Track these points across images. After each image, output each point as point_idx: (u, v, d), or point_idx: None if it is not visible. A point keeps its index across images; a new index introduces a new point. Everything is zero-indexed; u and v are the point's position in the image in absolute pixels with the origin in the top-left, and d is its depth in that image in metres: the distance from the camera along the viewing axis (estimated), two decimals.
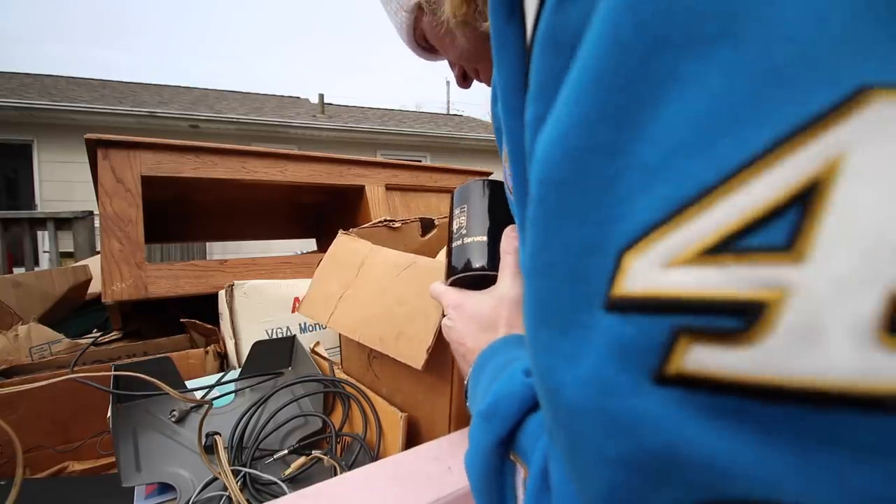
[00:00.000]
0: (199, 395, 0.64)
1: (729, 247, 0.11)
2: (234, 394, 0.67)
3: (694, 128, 0.11)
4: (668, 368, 0.11)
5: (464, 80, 0.51)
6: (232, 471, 0.52)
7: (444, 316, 0.41)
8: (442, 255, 0.80)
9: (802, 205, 0.10)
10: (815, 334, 0.09)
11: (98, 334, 1.03)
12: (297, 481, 0.54)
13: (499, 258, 0.39)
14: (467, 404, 0.35)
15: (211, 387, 0.66)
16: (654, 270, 0.12)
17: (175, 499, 0.53)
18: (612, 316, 0.12)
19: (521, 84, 0.18)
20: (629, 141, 0.12)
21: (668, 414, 0.11)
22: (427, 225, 0.83)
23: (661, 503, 0.12)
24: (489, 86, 0.40)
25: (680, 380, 0.11)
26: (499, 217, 0.41)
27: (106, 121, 5.40)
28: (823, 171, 0.09)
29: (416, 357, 0.47)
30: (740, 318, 0.10)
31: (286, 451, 0.57)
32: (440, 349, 0.48)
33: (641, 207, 0.12)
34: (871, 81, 0.09)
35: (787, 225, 0.10)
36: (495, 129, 0.27)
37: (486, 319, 0.36)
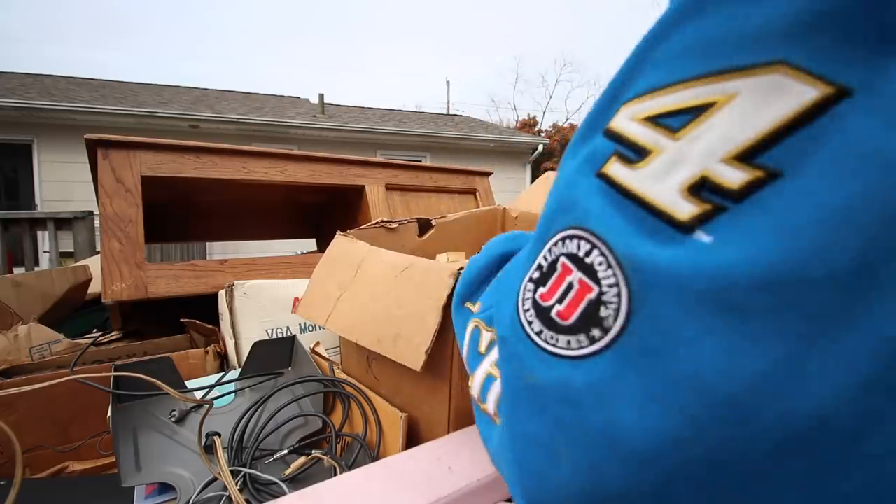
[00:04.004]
0: (199, 395, 0.65)
1: (654, 119, 0.18)
2: (234, 394, 0.67)
3: (682, 49, 0.18)
4: (602, 170, 0.20)
5: None
6: (232, 471, 0.52)
7: None
8: (441, 256, 0.80)
9: (697, 112, 0.17)
10: (661, 175, 0.17)
11: (98, 334, 1.04)
12: (297, 481, 0.54)
13: None
14: None
15: (211, 387, 0.66)
16: (625, 119, 0.19)
17: (175, 499, 0.53)
18: (601, 137, 0.20)
19: None
20: (655, 45, 0.19)
21: (589, 187, 0.20)
22: (424, 225, 0.83)
23: (558, 224, 0.21)
24: None
25: (602, 176, 0.20)
26: None
27: (106, 121, 5.40)
28: (721, 98, 0.16)
29: (415, 359, 0.47)
30: (638, 154, 0.18)
31: (286, 451, 0.57)
32: (438, 351, 0.48)
33: (641, 83, 0.19)
34: (788, 59, 0.15)
35: (683, 119, 0.17)
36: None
37: None
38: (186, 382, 0.66)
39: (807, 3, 0.14)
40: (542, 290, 0.21)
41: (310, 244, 1.97)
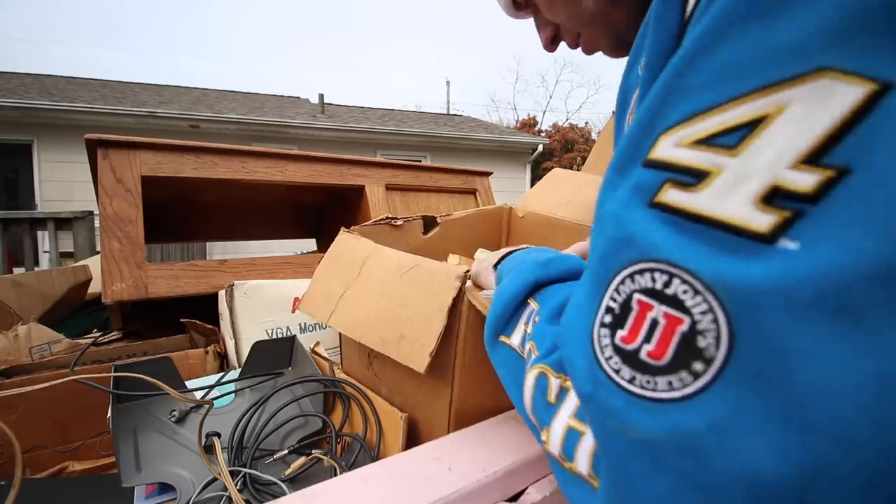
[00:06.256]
0: (199, 395, 0.64)
1: (706, 141, 0.18)
2: (234, 394, 0.67)
3: (719, 72, 0.18)
4: (655, 199, 0.20)
5: (552, 44, 0.49)
6: (232, 471, 0.52)
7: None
8: (452, 258, 0.79)
9: (751, 127, 0.17)
10: (727, 192, 0.17)
11: (98, 334, 1.03)
12: (297, 481, 0.54)
13: None
14: (495, 271, 0.44)
15: (211, 387, 0.66)
16: (669, 146, 0.20)
17: (175, 499, 0.53)
18: (641, 169, 0.21)
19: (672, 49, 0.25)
20: (686, 75, 0.20)
21: (645, 219, 0.20)
22: (429, 223, 0.83)
23: (620, 261, 0.21)
24: (587, 52, 0.47)
25: (658, 206, 0.20)
26: None
27: (106, 121, 5.40)
28: (772, 110, 0.17)
29: (419, 361, 0.47)
30: (695, 177, 0.19)
31: (286, 452, 0.57)
32: (441, 352, 0.48)
33: (679, 111, 0.20)
34: (829, 65, 0.16)
35: (738, 136, 0.18)
36: (625, 89, 0.37)
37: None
38: (186, 382, 0.66)
39: (835, 11, 0.16)
40: (621, 332, 0.20)
41: (310, 244, 1.97)
